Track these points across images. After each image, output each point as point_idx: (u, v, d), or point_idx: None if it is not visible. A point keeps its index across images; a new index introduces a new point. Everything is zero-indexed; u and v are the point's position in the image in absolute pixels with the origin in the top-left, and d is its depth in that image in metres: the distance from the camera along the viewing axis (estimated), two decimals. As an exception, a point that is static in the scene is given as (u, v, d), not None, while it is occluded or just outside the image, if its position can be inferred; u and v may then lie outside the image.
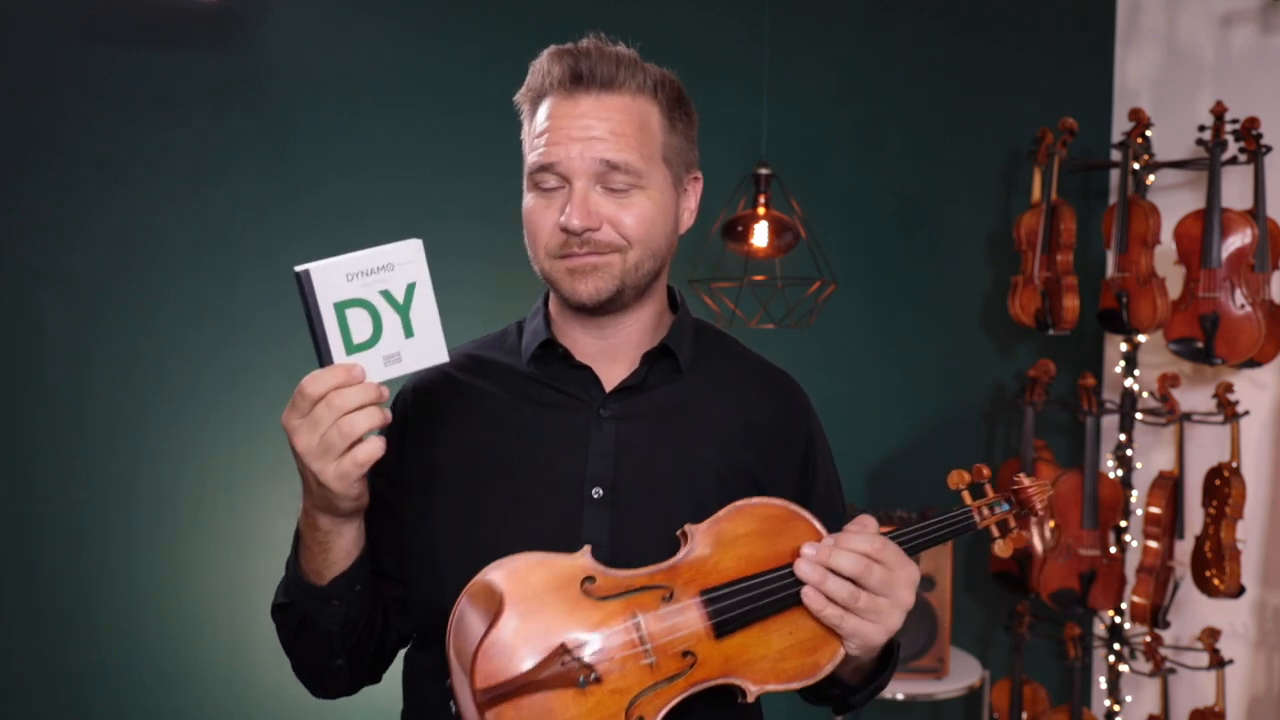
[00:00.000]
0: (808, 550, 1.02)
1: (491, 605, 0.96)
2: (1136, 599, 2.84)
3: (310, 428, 0.94)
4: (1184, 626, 2.97)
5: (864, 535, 1.02)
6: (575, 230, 1.08)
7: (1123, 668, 2.93)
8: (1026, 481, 1.15)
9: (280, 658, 1.17)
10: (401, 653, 1.24)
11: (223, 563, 2.37)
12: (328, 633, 1.10)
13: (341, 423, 0.93)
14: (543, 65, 1.12)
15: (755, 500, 1.06)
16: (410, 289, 0.97)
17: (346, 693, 1.20)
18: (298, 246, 2.36)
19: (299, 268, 0.93)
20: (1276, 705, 2.85)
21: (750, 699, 1.02)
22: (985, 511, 1.13)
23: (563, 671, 0.95)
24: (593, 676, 0.96)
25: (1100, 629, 3.05)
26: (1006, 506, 1.14)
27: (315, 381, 0.93)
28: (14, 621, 2.23)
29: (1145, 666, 2.93)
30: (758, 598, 1.01)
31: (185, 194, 2.33)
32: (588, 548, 1.01)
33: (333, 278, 0.94)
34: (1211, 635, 2.75)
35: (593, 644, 0.97)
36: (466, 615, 0.98)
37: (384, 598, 1.17)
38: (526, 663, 0.95)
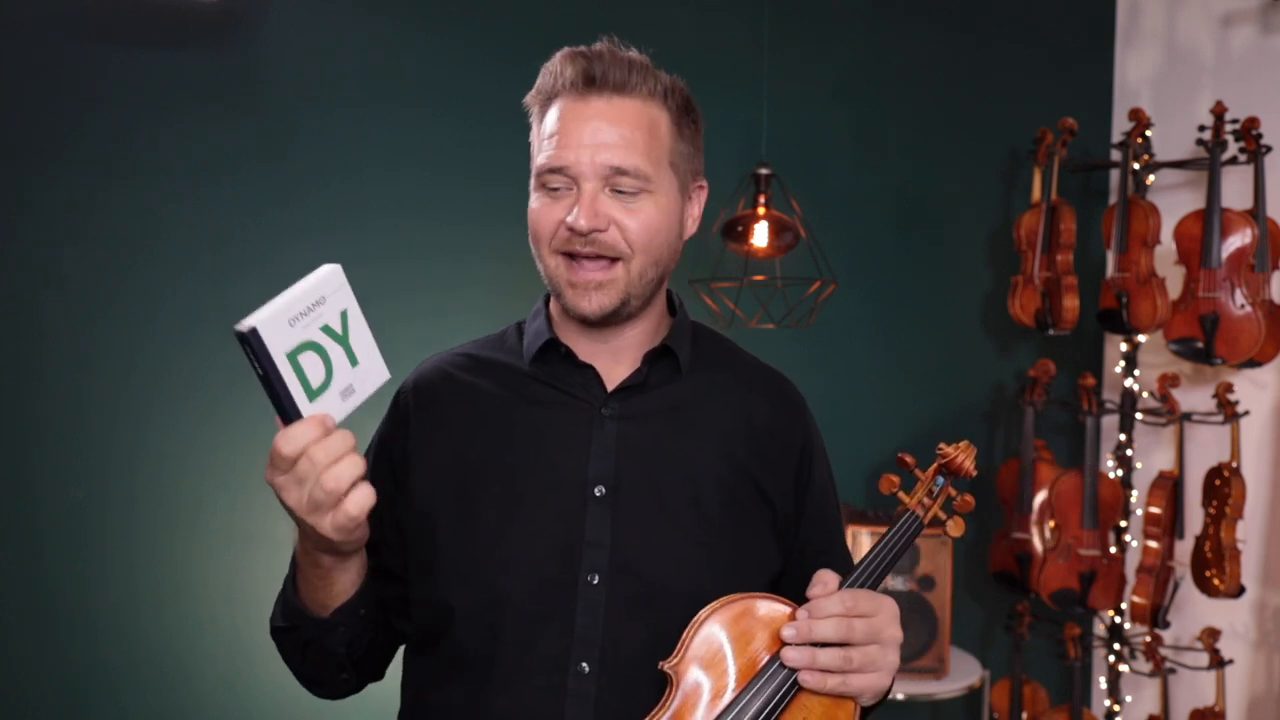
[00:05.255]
0: (788, 634, 1.01)
1: None
2: (1136, 599, 2.84)
3: (296, 484, 0.90)
4: (1184, 626, 2.97)
5: (834, 597, 1.02)
6: (582, 230, 1.08)
7: (1123, 668, 2.93)
8: (948, 449, 1.12)
9: (280, 658, 1.17)
10: (401, 652, 1.24)
11: (223, 563, 2.36)
12: (334, 653, 1.10)
13: (325, 479, 0.88)
14: (555, 67, 1.12)
15: (715, 608, 1.03)
16: (344, 316, 0.93)
17: (352, 693, 1.21)
18: (298, 246, 2.37)
19: (241, 327, 0.85)
20: (1276, 705, 2.85)
21: None
22: (926, 501, 1.12)
23: None
24: None
25: (1100, 629, 3.05)
26: (941, 481, 1.12)
27: (290, 441, 0.88)
28: (14, 621, 2.23)
29: (1145, 666, 2.93)
30: (762, 707, 1.01)
31: (185, 194, 2.33)
32: None
33: (279, 327, 0.87)
34: (1211, 635, 2.75)
35: None
36: None
37: (386, 597, 1.17)
38: None
